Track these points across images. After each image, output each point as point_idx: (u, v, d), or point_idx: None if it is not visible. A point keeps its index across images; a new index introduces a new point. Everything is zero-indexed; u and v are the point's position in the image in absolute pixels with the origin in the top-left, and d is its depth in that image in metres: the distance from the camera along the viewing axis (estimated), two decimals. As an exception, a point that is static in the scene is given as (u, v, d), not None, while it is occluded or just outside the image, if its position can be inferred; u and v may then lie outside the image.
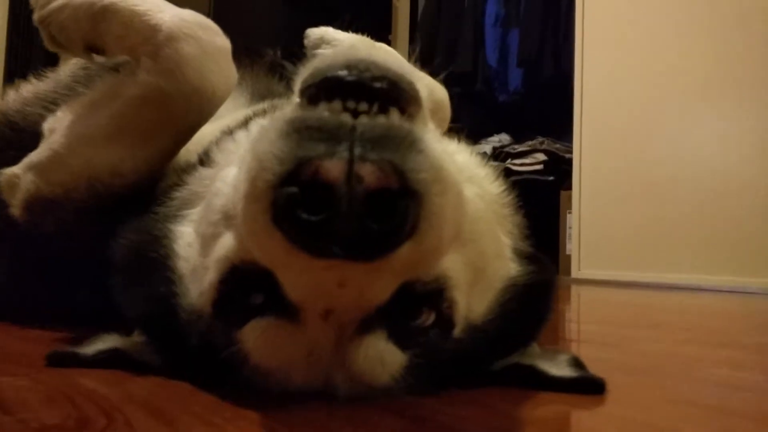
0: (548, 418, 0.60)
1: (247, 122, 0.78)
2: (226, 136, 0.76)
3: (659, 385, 0.79)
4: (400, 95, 0.50)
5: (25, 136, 0.96)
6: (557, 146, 4.13)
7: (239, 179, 0.53)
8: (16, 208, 0.86)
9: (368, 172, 0.45)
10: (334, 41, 1.04)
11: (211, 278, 0.58)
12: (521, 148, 4.24)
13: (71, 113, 0.85)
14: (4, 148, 0.98)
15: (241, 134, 0.74)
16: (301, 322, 0.54)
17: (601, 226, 3.47)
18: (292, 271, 0.51)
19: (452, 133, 0.83)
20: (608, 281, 3.30)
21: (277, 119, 0.50)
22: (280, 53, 1.17)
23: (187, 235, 0.66)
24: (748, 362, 1.04)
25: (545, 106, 4.24)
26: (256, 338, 0.55)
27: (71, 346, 0.72)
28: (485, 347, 0.63)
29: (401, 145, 0.48)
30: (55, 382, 0.63)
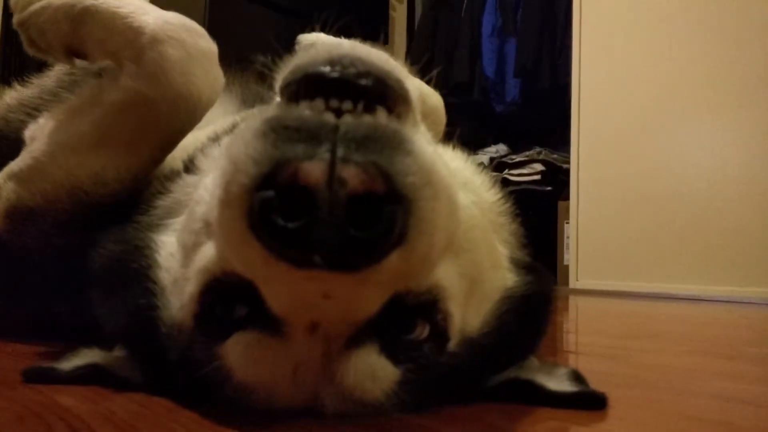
0: (547, 435, 0.58)
1: (234, 128, 0.75)
2: (212, 142, 0.74)
3: (660, 399, 0.77)
4: (387, 93, 0.47)
5: (7, 143, 0.93)
6: (555, 156, 4.12)
7: (214, 184, 0.50)
8: (-4, 217, 0.83)
9: (351, 174, 0.42)
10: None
11: (191, 290, 0.56)
12: (518, 158, 4.22)
13: (53, 120, 0.82)
14: None
15: (227, 140, 0.72)
16: (285, 335, 0.51)
17: (599, 236, 3.45)
18: (273, 282, 0.48)
19: (447, 139, 0.81)
20: (606, 291, 3.28)
21: (253, 119, 0.47)
22: (271, 60, 1.15)
23: (169, 244, 0.63)
24: (749, 374, 1.03)
25: (542, 116, 4.23)
26: (239, 353, 0.52)
27: (49, 361, 0.68)
28: (482, 361, 0.61)
29: (388, 146, 0.44)
30: (29, 399, 0.60)
